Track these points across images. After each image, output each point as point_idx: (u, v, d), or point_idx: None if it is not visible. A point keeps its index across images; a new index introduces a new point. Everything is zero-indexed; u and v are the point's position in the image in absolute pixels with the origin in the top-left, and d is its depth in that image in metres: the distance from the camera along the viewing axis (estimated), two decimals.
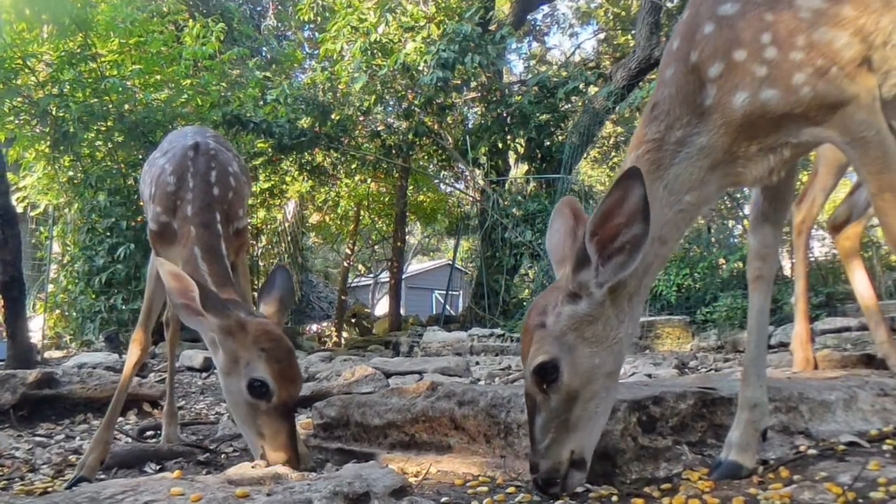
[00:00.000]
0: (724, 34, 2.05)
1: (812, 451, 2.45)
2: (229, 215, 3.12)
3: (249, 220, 17.00)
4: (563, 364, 1.97)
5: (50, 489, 2.82)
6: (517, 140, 16.61)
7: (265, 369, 2.51)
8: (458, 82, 15.51)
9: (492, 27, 15.73)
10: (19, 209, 11.76)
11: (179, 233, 2.99)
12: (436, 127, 16.49)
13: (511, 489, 2.39)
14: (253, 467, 2.37)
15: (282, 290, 2.93)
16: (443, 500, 2.27)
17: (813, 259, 14.33)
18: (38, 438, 3.97)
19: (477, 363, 7.86)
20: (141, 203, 13.65)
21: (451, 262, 20.24)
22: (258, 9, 22.76)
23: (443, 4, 16.20)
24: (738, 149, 2.10)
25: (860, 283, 3.74)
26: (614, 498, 2.23)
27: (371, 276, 30.13)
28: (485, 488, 2.44)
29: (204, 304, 2.50)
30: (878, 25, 1.99)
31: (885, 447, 2.45)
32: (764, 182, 2.27)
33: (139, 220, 12.15)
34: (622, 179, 1.87)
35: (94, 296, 11.97)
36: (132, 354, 3.16)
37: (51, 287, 13.57)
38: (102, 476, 3.06)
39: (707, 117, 2.07)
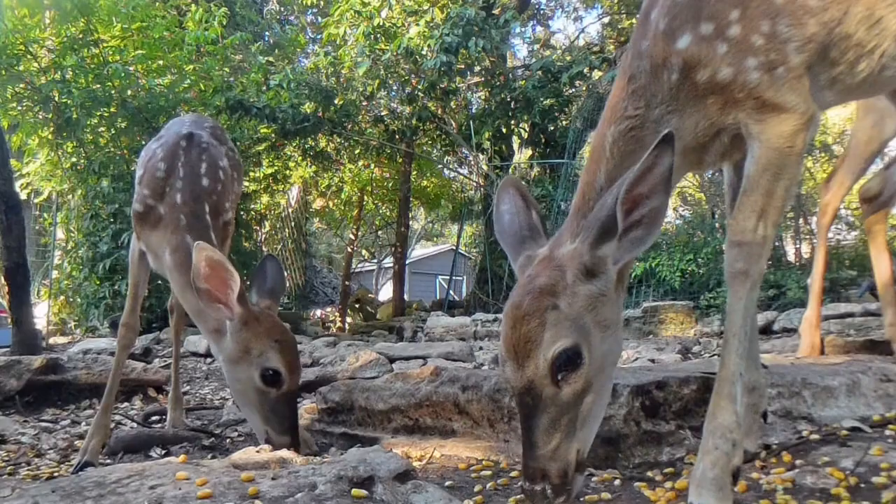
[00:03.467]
0: (694, 4, 1.99)
1: (815, 436, 2.46)
2: (217, 208, 3.20)
3: (253, 206, 17.00)
4: (584, 350, 1.77)
5: (56, 474, 2.84)
6: (521, 125, 16.56)
7: (278, 360, 2.66)
8: (462, 67, 15.42)
9: (496, 11, 15.61)
10: (23, 196, 11.77)
11: (167, 219, 3.05)
12: (439, 112, 16.43)
13: (514, 473, 2.40)
14: (258, 452, 2.39)
15: (273, 280, 3.03)
16: (447, 483, 2.28)
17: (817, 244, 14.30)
18: (43, 424, 3.99)
19: (481, 348, 7.88)
20: None
21: (454, 248, 20.25)
22: None
23: None
24: (699, 131, 2.06)
25: (880, 258, 3.74)
26: (617, 482, 2.25)
27: (375, 261, 30.15)
28: (488, 472, 2.45)
29: (238, 297, 2.65)
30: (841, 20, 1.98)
31: (887, 432, 2.46)
32: (717, 167, 2.27)
33: None
34: (657, 144, 1.73)
35: (98, 282, 12.01)
36: (122, 338, 3.26)
37: (55, 273, 13.61)
38: (108, 461, 3.09)
39: (677, 94, 2.01)
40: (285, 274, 3.43)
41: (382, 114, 16.76)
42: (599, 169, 1.99)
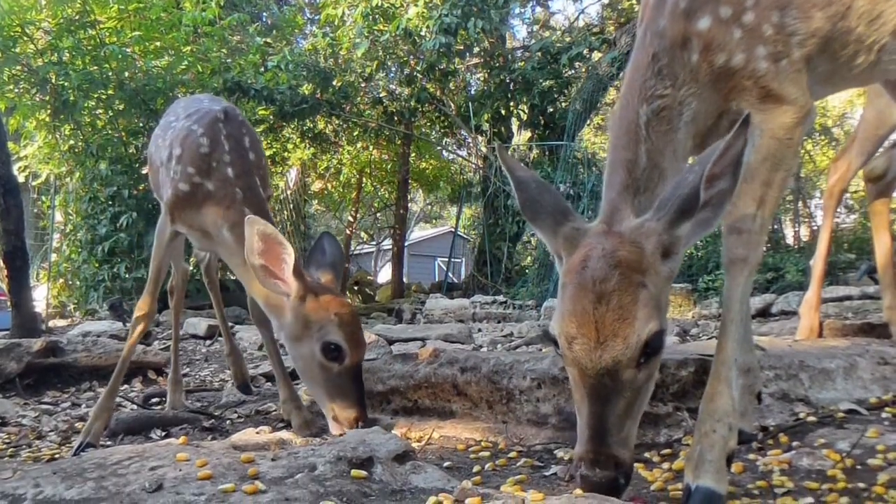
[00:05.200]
0: None
1: (811, 419, 2.47)
2: (264, 183, 3.16)
3: None
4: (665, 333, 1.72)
5: (57, 456, 2.85)
6: (520, 107, 16.48)
7: (338, 333, 2.63)
8: (461, 48, 15.33)
9: None
10: (21, 179, 11.73)
11: (219, 195, 2.98)
12: (438, 93, 16.37)
13: (513, 454, 2.42)
14: (258, 433, 2.40)
15: (333, 256, 3.02)
16: (445, 464, 2.30)
17: (816, 228, 14.29)
18: (44, 406, 4.01)
19: (479, 330, 7.89)
20: (145, 170, 13.42)
21: (453, 230, 20.23)
22: None
23: None
24: (708, 116, 2.07)
25: (881, 238, 3.74)
26: None
27: (374, 243, 30.15)
28: (487, 453, 2.46)
29: (294, 270, 2.62)
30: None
31: (883, 415, 2.47)
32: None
33: (141, 188, 12.12)
34: (739, 126, 1.68)
35: (97, 264, 12.01)
36: (137, 323, 3.16)
37: (54, 256, 13.60)
38: (109, 442, 3.10)
39: (696, 76, 2.01)
40: (342, 248, 3.38)
41: (381, 95, 16.69)
42: (639, 148, 1.95)
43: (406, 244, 22.39)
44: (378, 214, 26.09)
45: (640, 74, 2.04)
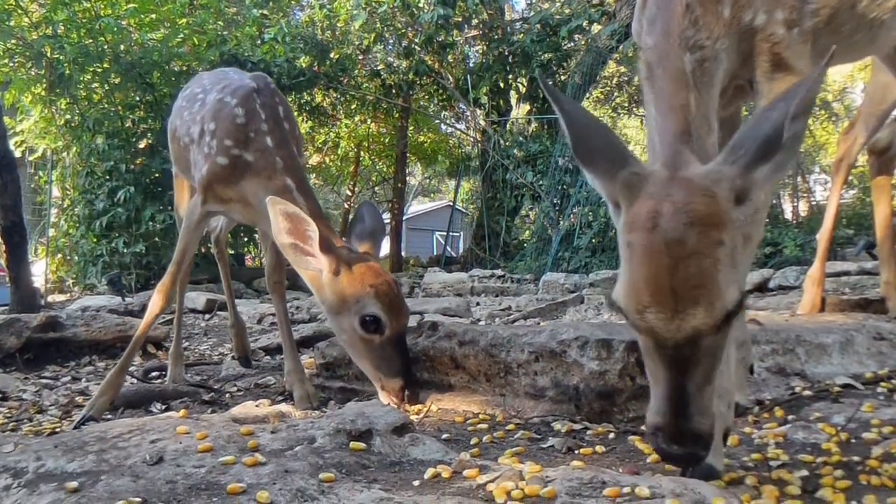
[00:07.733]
0: None
1: (807, 393, 2.49)
2: (298, 150, 3.14)
3: None
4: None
5: (58, 429, 2.87)
6: (519, 79, 16.39)
7: (376, 305, 2.64)
8: (460, 20, 15.22)
9: None
10: (17, 154, 11.68)
11: (259, 165, 2.97)
12: (436, 66, 16.26)
13: (510, 426, 2.43)
14: (257, 406, 2.42)
15: (373, 225, 3.00)
16: (443, 436, 2.31)
17: (815, 203, 14.29)
18: (44, 381, 4.02)
19: (478, 304, 7.92)
20: (142, 145, 13.21)
21: (451, 204, 20.21)
22: None
23: None
24: (725, 76, 2.01)
25: (881, 212, 3.74)
26: (612, 435, 2.28)
27: None
28: (485, 425, 2.48)
29: (321, 245, 2.62)
30: None
31: (879, 389, 2.49)
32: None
33: (138, 162, 12.07)
34: (823, 66, 1.57)
35: (95, 239, 11.98)
36: (156, 305, 3.10)
37: (52, 231, 13.57)
38: (109, 416, 3.11)
39: (727, 32, 1.95)
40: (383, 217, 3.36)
41: (379, 68, 16.59)
42: (689, 96, 1.83)
43: (404, 218, 22.37)
44: (376, 188, 25.97)
45: (675, 23, 1.94)
